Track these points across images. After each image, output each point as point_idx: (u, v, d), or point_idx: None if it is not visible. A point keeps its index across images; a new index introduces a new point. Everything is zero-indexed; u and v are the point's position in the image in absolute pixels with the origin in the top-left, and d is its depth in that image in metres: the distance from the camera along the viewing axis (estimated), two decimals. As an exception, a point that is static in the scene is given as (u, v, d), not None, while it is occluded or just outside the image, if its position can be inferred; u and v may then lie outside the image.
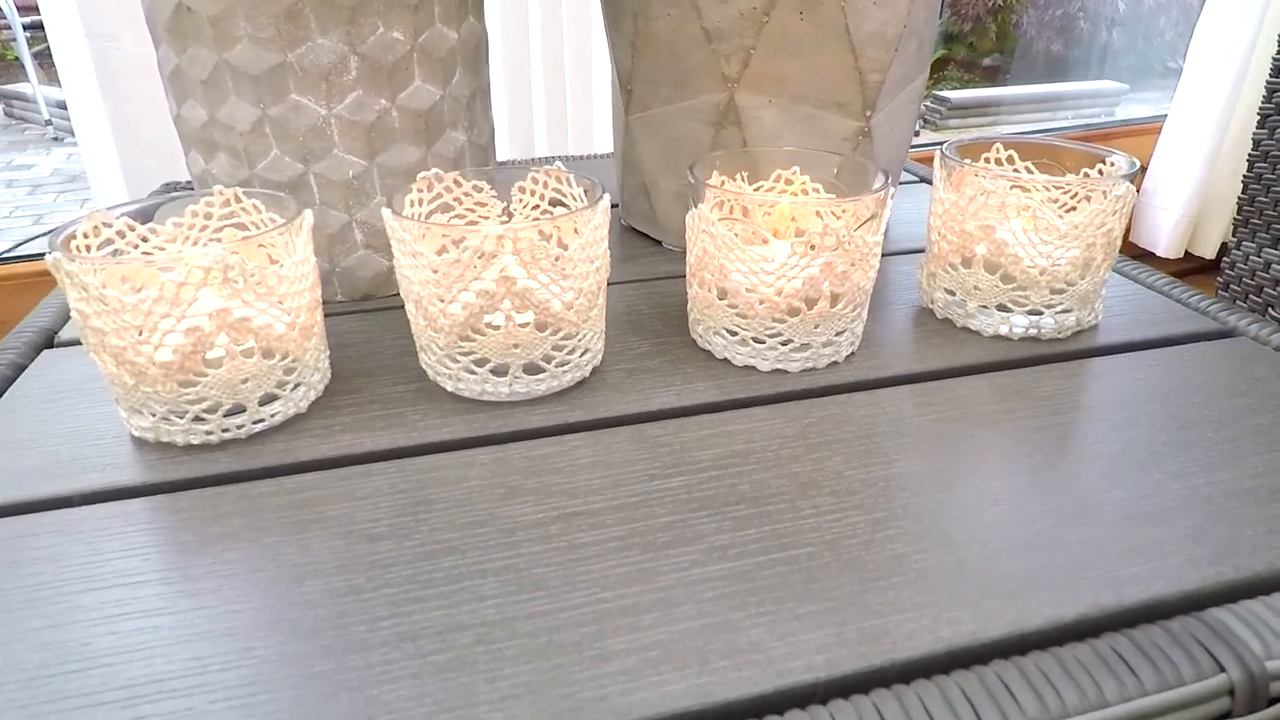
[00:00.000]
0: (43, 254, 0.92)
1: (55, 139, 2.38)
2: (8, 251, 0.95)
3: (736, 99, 0.49)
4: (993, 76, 2.91)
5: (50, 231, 0.32)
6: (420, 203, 0.41)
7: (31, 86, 2.42)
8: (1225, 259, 1.02)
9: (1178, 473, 0.33)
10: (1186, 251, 1.40)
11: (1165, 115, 1.37)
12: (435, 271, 0.34)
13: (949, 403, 0.38)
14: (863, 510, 0.31)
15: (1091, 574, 0.28)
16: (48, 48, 0.82)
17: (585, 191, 0.41)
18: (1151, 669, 0.24)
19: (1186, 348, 0.43)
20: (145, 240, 0.38)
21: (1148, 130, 1.44)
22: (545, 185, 0.43)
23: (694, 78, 0.49)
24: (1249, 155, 0.97)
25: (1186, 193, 1.33)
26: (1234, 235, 1.00)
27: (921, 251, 0.48)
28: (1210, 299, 0.47)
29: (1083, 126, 1.61)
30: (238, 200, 0.39)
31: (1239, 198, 1.00)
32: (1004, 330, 0.43)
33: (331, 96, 0.42)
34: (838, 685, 0.24)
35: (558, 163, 0.43)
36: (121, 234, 0.37)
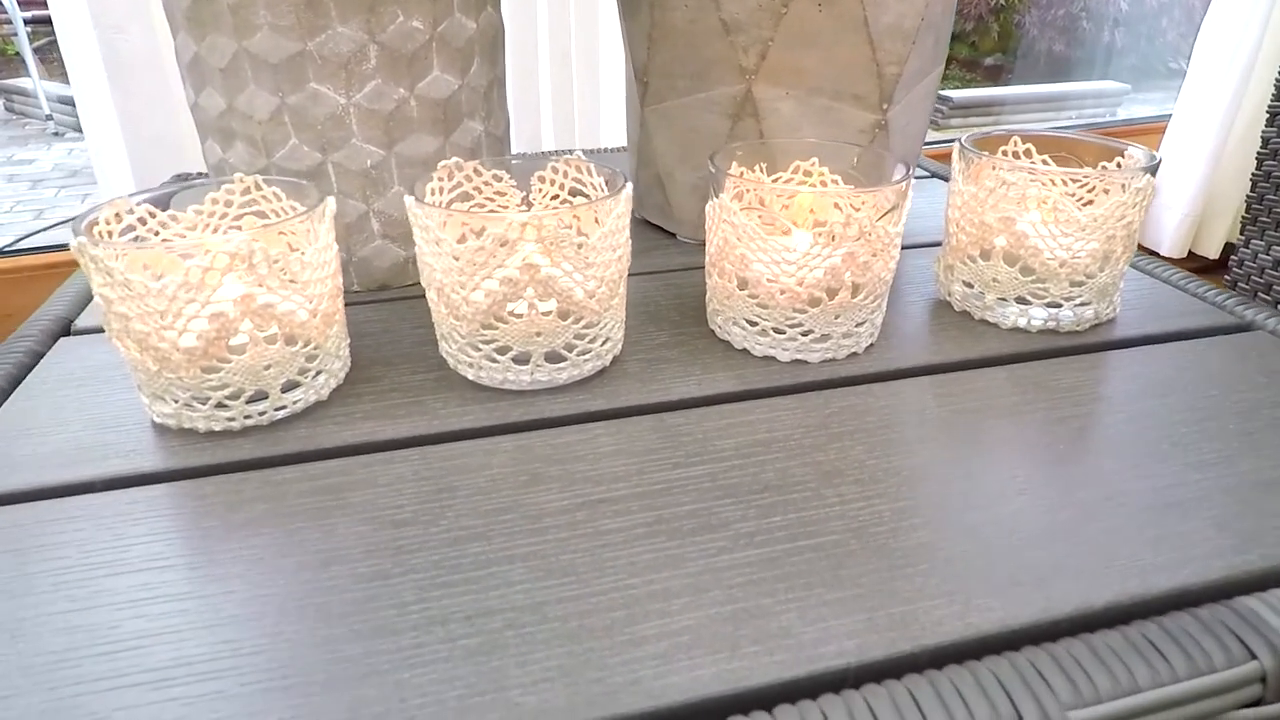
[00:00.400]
0: (45, 247, 0.92)
1: (56, 134, 2.37)
2: (10, 245, 0.95)
3: (754, 91, 0.49)
4: (995, 76, 2.91)
5: (55, 224, 0.32)
6: (440, 191, 0.41)
7: (33, 81, 2.41)
8: (1233, 257, 1.02)
9: (1199, 464, 0.33)
10: (1190, 251, 1.40)
11: (1168, 115, 1.37)
12: (457, 259, 0.34)
13: (968, 394, 0.38)
14: (887, 499, 0.31)
15: (1118, 563, 0.28)
16: (49, 42, 0.81)
17: (606, 181, 0.41)
18: (1183, 655, 0.24)
19: (1203, 341, 0.43)
20: (165, 227, 0.38)
21: (1151, 129, 1.44)
22: (565, 175, 0.42)
23: (711, 69, 0.49)
24: (1258, 153, 0.97)
25: (1191, 192, 1.33)
26: (1242, 234, 1.00)
27: (934, 246, 0.48)
28: (1227, 293, 0.47)
29: (1086, 126, 1.61)
30: (257, 188, 0.39)
31: (1248, 196, 0.99)
32: (1022, 323, 0.43)
33: (350, 85, 0.42)
34: (869, 670, 0.24)
35: (578, 152, 0.42)
36: (143, 220, 0.37)
